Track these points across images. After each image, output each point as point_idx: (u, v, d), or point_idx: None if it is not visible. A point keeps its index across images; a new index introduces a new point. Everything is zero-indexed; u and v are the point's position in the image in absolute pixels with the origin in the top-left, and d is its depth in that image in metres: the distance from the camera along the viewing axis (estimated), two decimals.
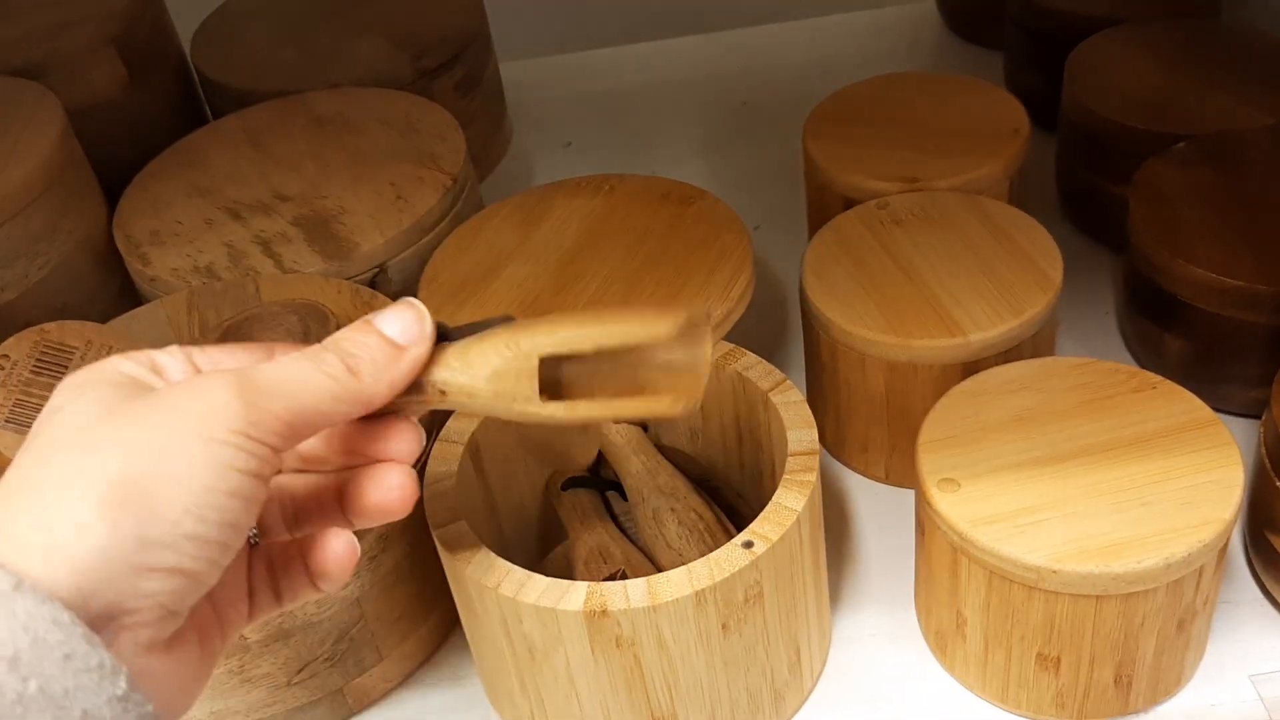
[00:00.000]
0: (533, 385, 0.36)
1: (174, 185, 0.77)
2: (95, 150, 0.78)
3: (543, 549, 0.64)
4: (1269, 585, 0.57)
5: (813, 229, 0.74)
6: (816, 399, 0.67)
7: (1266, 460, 0.54)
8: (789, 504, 0.50)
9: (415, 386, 0.36)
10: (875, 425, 0.64)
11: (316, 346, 0.35)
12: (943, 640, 0.56)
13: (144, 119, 0.87)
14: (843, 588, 0.62)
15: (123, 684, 0.28)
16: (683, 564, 0.49)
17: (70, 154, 0.74)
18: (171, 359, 0.35)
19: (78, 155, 0.75)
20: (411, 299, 0.37)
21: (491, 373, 0.36)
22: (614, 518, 0.62)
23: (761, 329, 0.76)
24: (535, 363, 0.36)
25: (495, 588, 0.49)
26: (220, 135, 0.82)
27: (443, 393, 0.37)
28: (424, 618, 0.60)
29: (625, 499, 0.61)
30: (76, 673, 0.28)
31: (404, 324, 0.36)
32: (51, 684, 0.27)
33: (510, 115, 1.00)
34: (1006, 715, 0.54)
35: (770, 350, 0.74)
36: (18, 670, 0.27)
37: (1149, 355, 0.68)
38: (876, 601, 0.61)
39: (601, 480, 0.62)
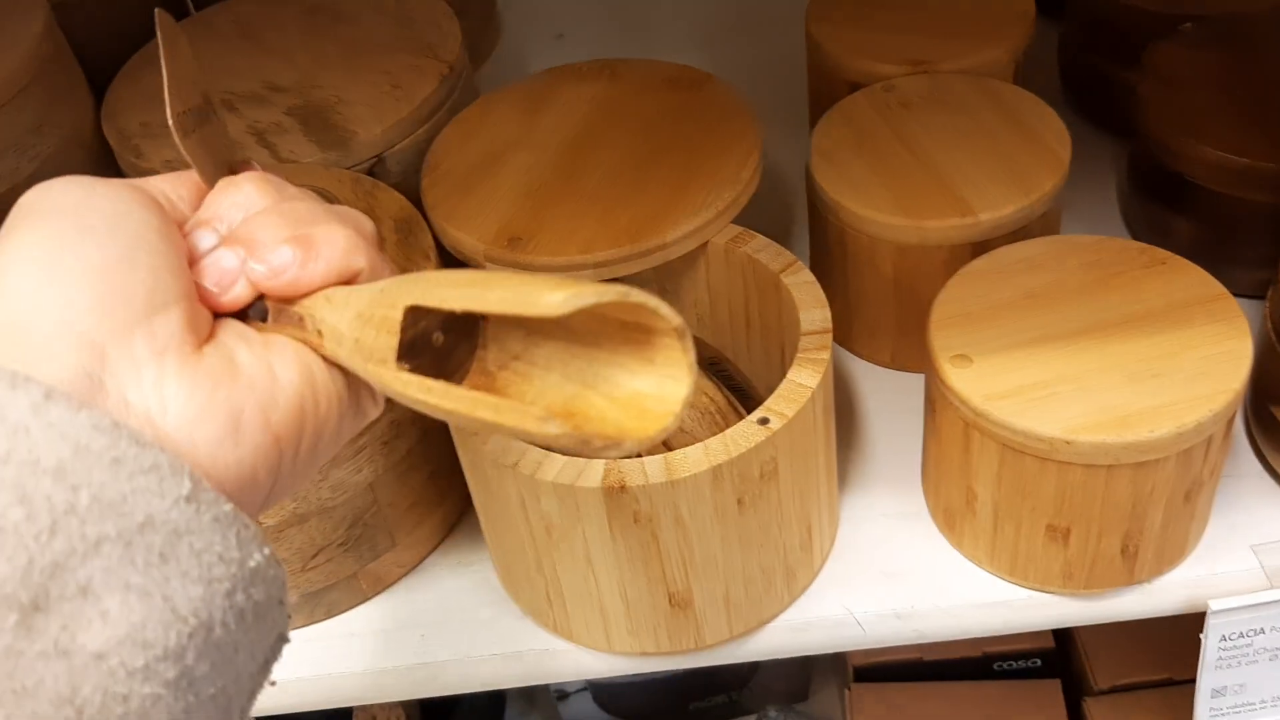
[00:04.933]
0: (391, 343, 0.30)
1: (157, 80, 0.75)
2: (80, 42, 0.76)
3: None
4: (1271, 458, 0.58)
5: (815, 118, 0.73)
6: (823, 286, 0.67)
7: (1272, 333, 0.54)
8: (804, 381, 0.50)
9: (298, 320, 0.33)
10: (883, 309, 0.64)
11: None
12: (951, 518, 0.57)
13: (128, 10, 0.85)
14: (850, 471, 0.62)
15: (185, 483, 0.27)
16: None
17: (56, 46, 0.72)
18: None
19: (62, 47, 0.74)
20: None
21: (355, 315, 0.31)
22: None
23: (765, 220, 0.75)
24: (398, 313, 0.30)
25: (513, 466, 0.49)
26: (208, 26, 0.80)
27: (319, 332, 0.32)
28: (437, 504, 0.61)
29: None
30: (131, 475, 0.26)
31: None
32: (105, 490, 0.26)
33: (500, 7, 0.98)
34: (1013, 588, 0.56)
35: (775, 240, 0.74)
36: (65, 480, 0.26)
37: (1154, 238, 0.67)
38: (884, 484, 0.61)
39: None
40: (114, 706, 0.26)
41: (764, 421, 0.49)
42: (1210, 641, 0.54)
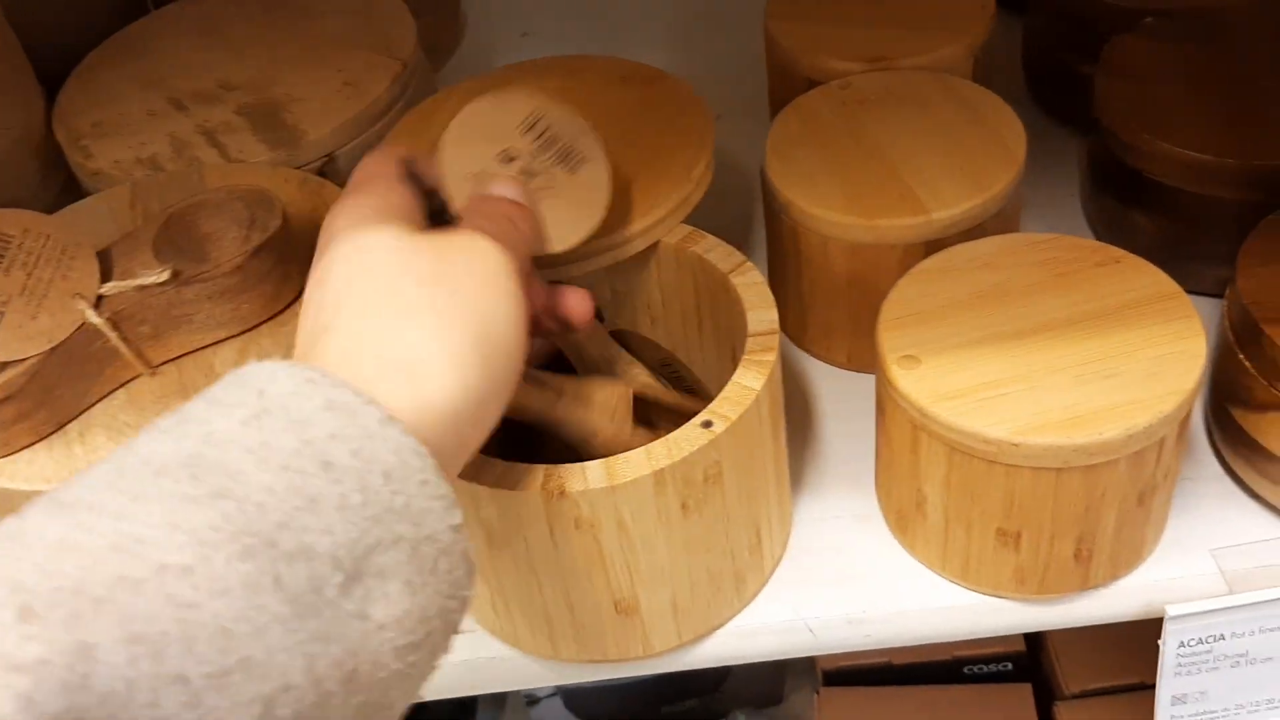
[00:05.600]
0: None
1: (117, 76, 0.74)
2: (32, 41, 0.75)
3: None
4: (1230, 460, 0.57)
5: (776, 115, 0.72)
6: (778, 285, 0.66)
7: (1230, 333, 0.53)
8: (748, 383, 0.49)
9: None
10: (838, 309, 0.63)
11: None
12: (903, 520, 0.56)
13: (81, 9, 0.84)
14: (804, 472, 0.61)
15: (458, 516, 0.35)
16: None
17: (6, 44, 0.71)
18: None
19: (12, 44, 0.73)
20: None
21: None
22: None
23: (723, 218, 0.75)
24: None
25: None
26: (168, 22, 0.79)
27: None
28: None
29: None
30: (429, 498, 0.34)
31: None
32: (413, 502, 0.33)
33: (464, 5, 0.97)
34: (966, 592, 0.54)
35: (732, 240, 0.73)
36: (391, 483, 0.33)
37: (1114, 235, 0.67)
38: (837, 485, 0.60)
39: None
40: (378, 671, 0.32)
41: (707, 424, 0.48)
42: (1169, 648, 0.53)
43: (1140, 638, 0.73)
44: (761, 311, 0.53)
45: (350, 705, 0.32)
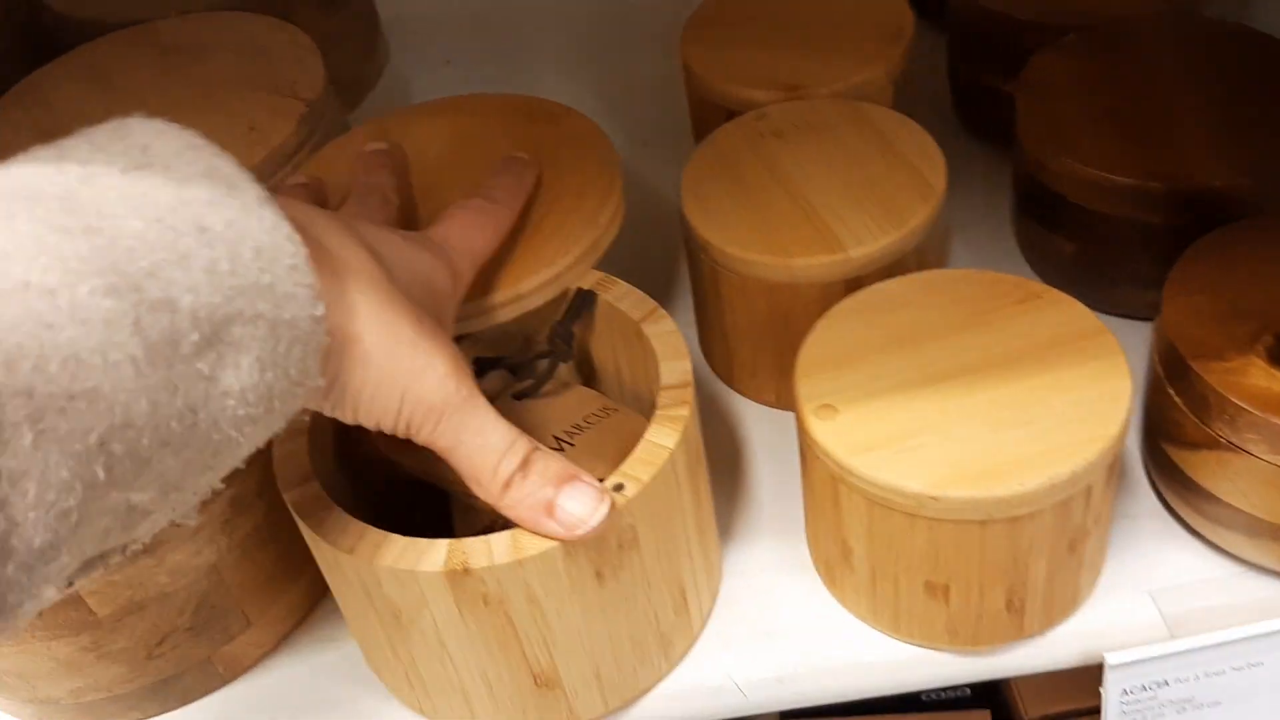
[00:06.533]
0: None
1: (15, 129, 0.72)
2: None
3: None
4: (1167, 496, 0.55)
5: (699, 140, 0.70)
6: (705, 323, 0.64)
7: (1159, 367, 0.52)
8: (661, 441, 0.47)
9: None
10: (762, 349, 0.61)
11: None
12: (832, 571, 0.54)
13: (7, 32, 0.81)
14: (734, 519, 0.59)
15: (321, 309, 0.36)
16: None
17: None
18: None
19: None
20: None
21: None
22: None
23: (651, 256, 0.73)
24: None
25: (350, 551, 0.46)
26: (65, 72, 0.76)
27: None
28: (294, 579, 0.57)
29: None
30: (295, 284, 0.35)
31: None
32: (279, 285, 0.34)
33: (386, 34, 0.94)
34: (898, 645, 0.52)
35: (660, 276, 0.71)
36: (260, 260, 0.34)
37: (1042, 260, 0.65)
38: (769, 532, 0.58)
39: None
40: (213, 433, 0.33)
41: (618, 488, 0.46)
42: (1110, 696, 0.51)
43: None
44: (674, 362, 0.50)
45: (180, 458, 0.33)
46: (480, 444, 0.42)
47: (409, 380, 0.40)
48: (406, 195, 0.59)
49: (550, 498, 0.43)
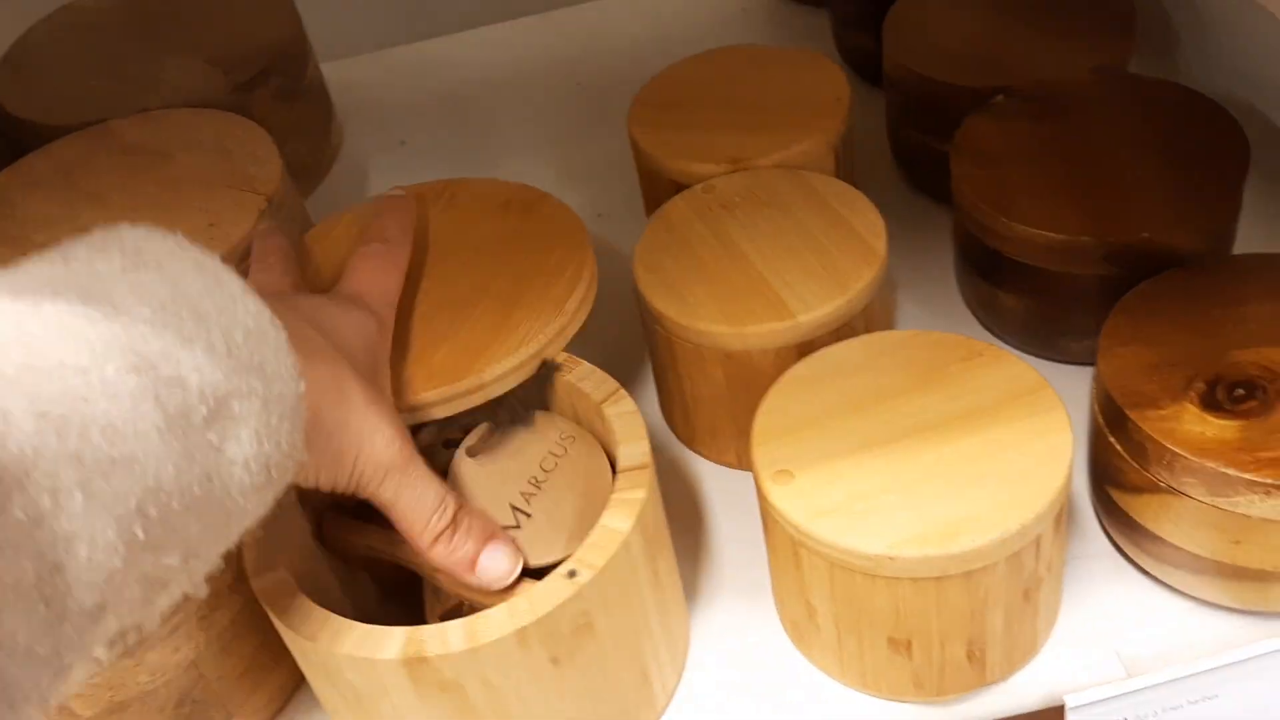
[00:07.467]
0: None
1: None
2: None
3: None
4: (1116, 538, 0.57)
5: (651, 212, 0.72)
6: (663, 390, 0.66)
7: (1100, 418, 0.54)
8: (616, 525, 0.48)
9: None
10: (719, 413, 0.62)
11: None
12: (798, 630, 0.55)
13: None
14: (700, 581, 0.60)
15: (303, 387, 0.40)
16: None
17: None
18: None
19: None
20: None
21: None
22: None
23: (609, 323, 0.74)
24: None
25: (312, 639, 0.47)
26: (26, 175, 0.77)
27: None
28: (272, 668, 0.58)
29: None
30: (279, 364, 0.39)
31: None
32: (267, 365, 0.38)
33: (340, 118, 0.96)
34: (868, 700, 0.54)
35: (620, 345, 0.72)
36: (249, 342, 0.38)
37: (987, 314, 0.67)
38: (736, 592, 0.59)
39: None
40: (225, 501, 0.36)
41: (572, 574, 0.47)
42: None
43: None
44: (632, 445, 0.51)
45: (201, 523, 0.35)
46: (415, 501, 0.47)
47: (361, 443, 0.45)
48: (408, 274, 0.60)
49: (473, 554, 0.48)
